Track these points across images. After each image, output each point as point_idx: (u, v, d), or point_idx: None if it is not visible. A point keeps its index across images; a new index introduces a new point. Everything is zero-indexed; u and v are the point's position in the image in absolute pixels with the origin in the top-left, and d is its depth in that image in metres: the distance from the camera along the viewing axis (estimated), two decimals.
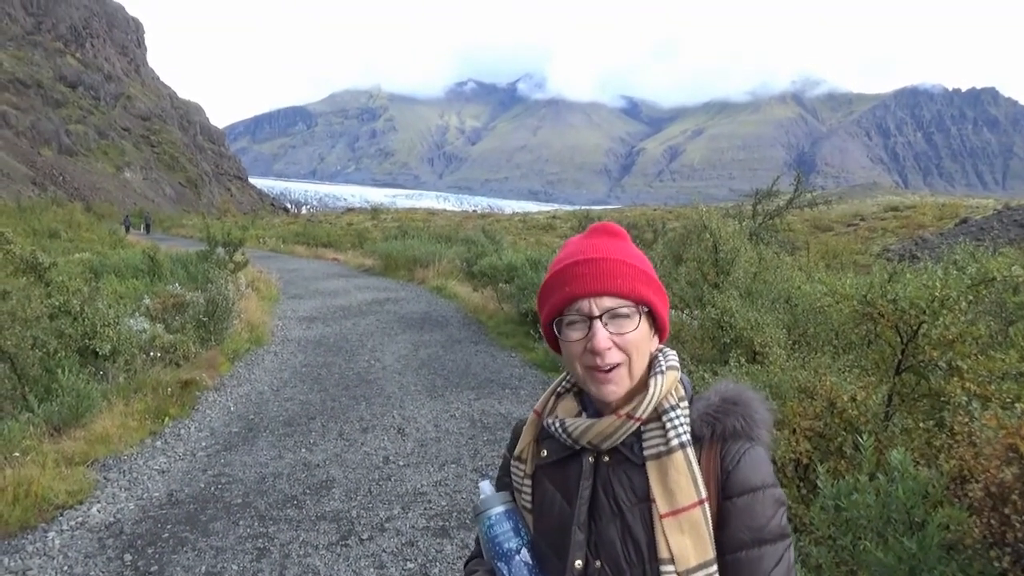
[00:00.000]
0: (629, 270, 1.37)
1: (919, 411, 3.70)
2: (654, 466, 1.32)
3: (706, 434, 1.34)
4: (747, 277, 6.72)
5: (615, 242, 1.42)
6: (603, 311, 1.34)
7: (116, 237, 28.81)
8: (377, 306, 14.60)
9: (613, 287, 1.35)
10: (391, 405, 7.61)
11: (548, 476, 1.45)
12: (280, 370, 9.21)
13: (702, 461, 1.33)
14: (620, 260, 1.38)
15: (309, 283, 18.60)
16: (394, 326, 12.36)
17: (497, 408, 7.51)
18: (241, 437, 6.63)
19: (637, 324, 1.36)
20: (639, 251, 1.44)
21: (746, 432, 1.34)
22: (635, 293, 1.36)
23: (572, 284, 1.37)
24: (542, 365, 9.33)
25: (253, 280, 15.81)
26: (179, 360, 8.38)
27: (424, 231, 28.07)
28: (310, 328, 12.21)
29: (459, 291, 15.95)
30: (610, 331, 1.34)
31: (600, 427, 1.36)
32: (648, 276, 1.40)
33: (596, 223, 1.48)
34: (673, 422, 1.34)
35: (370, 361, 9.70)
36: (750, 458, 1.32)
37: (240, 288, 13.35)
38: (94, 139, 73.56)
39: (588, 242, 1.42)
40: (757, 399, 1.38)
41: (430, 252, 19.95)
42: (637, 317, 1.36)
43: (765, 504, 1.30)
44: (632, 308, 1.36)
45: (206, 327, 9.43)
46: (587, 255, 1.38)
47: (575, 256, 1.40)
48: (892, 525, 2.43)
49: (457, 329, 12.16)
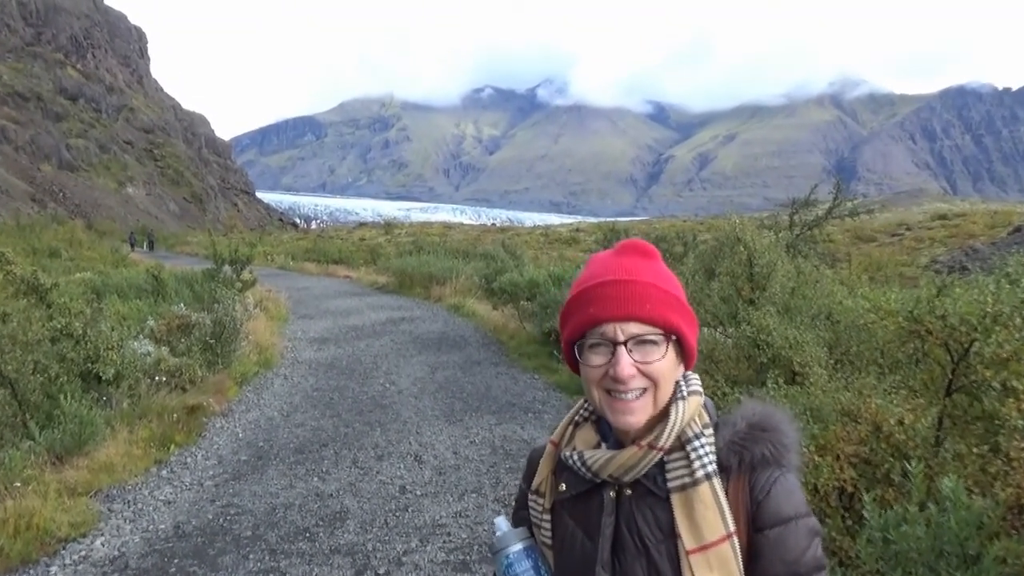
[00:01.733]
0: (659, 294, 1.36)
1: (972, 435, 3.66)
2: (679, 499, 1.32)
3: (733, 463, 1.34)
4: (784, 292, 6.69)
5: (646, 263, 1.41)
6: (628, 337, 1.34)
7: (118, 256, 29.23)
8: (391, 326, 14.67)
9: (641, 312, 1.34)
10: (407, 431, 7.64)
11: (568, 511, 1.45)
12: (290, 394, 9.27)
13: (730, 492, 1.32)
14: (650, 283, 1.37)
15: (320, 302, 18.73)
16: (409, 347, 12.41)
17: (519, 434, 7.51)
18: (250, 465, 6.68)
19: (664, 352, 1.35)
20: (671, 273, 1.44)
21: (776, 459, 1.34)
22: (664, 320, 1.35)
23: (597, 306, 1.36)
24: (566, 388, 9.32)
25: (261, 300, 15.96)
26: (185, 384, 8.47)
27: (440, 246, 28.19)
28: (321, 350, 12.29)
29: (478, 309, 15.98)
30: (635, 358, 1.34)
31: (621, 459, 1.35)
32: (679, 302, 1.39)
33: (626, 240, 1.48)
34: (697, 451, 1.34)
35: (385, 384, 9.74)
36: (781, 487, 1.32)
37: (248, 308, 13.48)
38: (95, 153, 74.78)
39: (617, 261, 1.41)
40: (785, 421, 1.38)
41: (447, 268, 20.02)
42: (664, 345, 1.35)
43: (799, 535, 1.30)
44: (660, 336, 1.35)
45: (213, 350, 9.53)
46: (615, 275, 1.38)
47: (602, 276, 1.39)
48: (944, 559, 2.41)
49: (476, 350, 12.19)
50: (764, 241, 7.19)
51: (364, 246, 42.22)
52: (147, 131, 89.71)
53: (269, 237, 58.43)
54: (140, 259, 30.95)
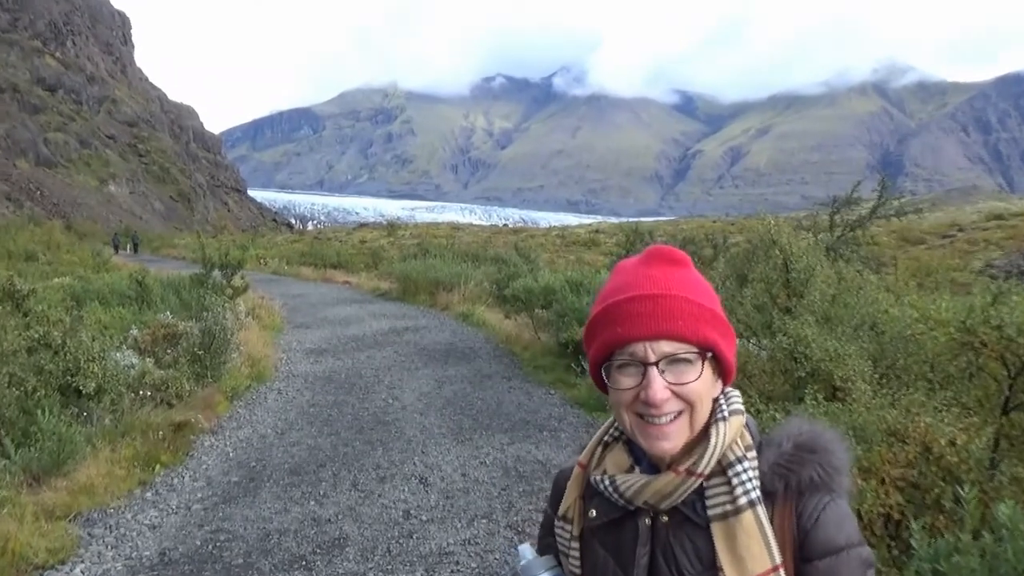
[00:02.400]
0: (693, 309, 1.35)
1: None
2: (720, 528, 1.31)
3: (779, 488, 1.33)
4: (824, 300, 6.67)
5: (676, 272, 1.40)
6: (660, 357, 1.32)
7: (100, 259, 29.45)
8: (394, 336, 14.72)
9: (674, 330, 1.33)
10: (412, 450, 7.66)
11: (599, 538, 1.44)
12: (285, 410, 9.31)
13: (775, 520, 1.32)
14: (682, 297, 1.35)
15: (317, 310, 18.81)
16: (414, 359, 12.44)
17: (534, 454, 7.51)
18: (241, 487, 6.71)
19: (700, 372, 1.34)
20: (704, 281, 1.43)
21: (825, 483, 1.32)
22: (699, 336, 1.34)
23: (625, 324, 1.35)
24: (585, 404, 9.31)
25: (254, 307, 16.03)
26: (171, 399, 8.52)
27: (448, 249, 28.24)
28: (318, 362, 12.34)
29: (489, 318, 15.99)
30: (668, 379, 1.32)
31: (657, 486, 1.35)
32: (714, 315, 1.38)
33: (653, 247, 1.46)
34: (740, 476, 1.33)
35: (387, 400, 9.77)
36: (831, 513, 1.31)
37: (239, 317, 13.55)
38: (75, 149, 75.44)
39: (645, 272, 1.40)
40: (835, 441, 1.37)
41: (455, 273, 20.07)
42: (700, 363, 1.34)
43: (851, 566, 1.29)
44: (694, 353, 1.34)
45: (201, 361, 9.58)
46: (643, 289, 1.36)
47: (629, 290, 1.38)
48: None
49: (487, 362, 12.20)
50: (802, 244, 7.17)
51: (365, 249, 42.37)
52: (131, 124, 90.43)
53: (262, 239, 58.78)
54: (123, 263, 31.20)
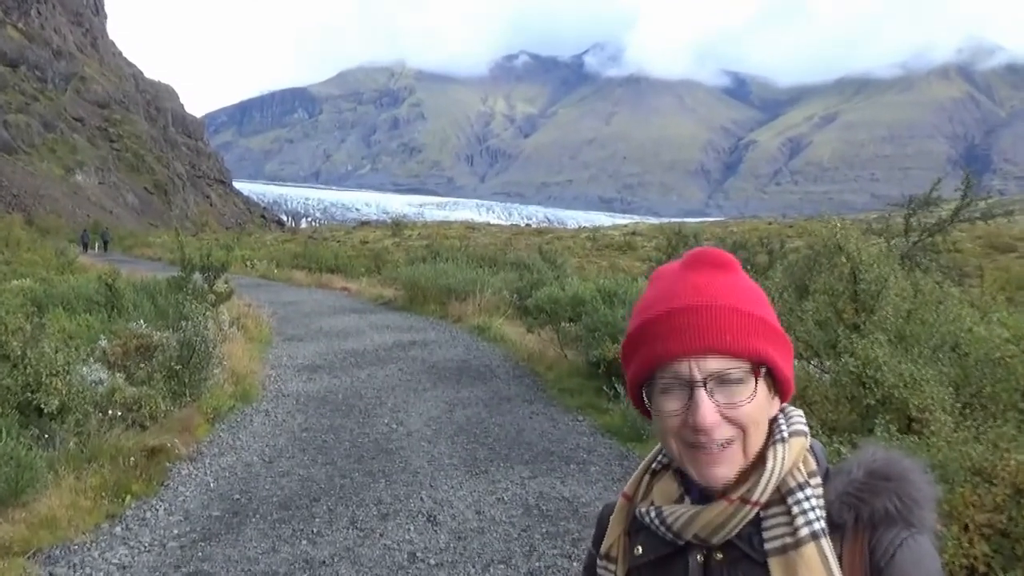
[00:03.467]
0: (742, 320, 1.35)
1: None
2: (779, 564, 1.32)
3: (848, 520, 1.33)
4: (898, 316, 6.64)
5: (722, 278, 1.40)
6: (708, 376, 1.33)
7: (64, 259, 29.73)
8: (400, 351, 14.76)
9: (721, 344, 1.33)
10: (418, 484, 7.67)
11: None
12: (274, 435, 9.36)
13: (843, 556, 1.32)
14: (730, 307, 1.36)
15: (311, 320, 18.89)
16: (422, 378, 12.46)
17: (559, 490, 7.51)
18: (224, 523, 6.75)
19: (753, 390, 1.34)
20: (754, 286, 1.43)
21: (902, 516, 1.32)
22: (751, 350, 1.34)
23: (667, 340, 1.36)
24: (619, 432, 9.29)
25: (239, 316, 16.13)
26: (145, 421, 8.58)
27: (461, 252, 28.30)
28: (312, 380, 12.40)
29: (508, 332, 16.00)
30: (718, 400, 1.33)
31: (707, 517, 1.35)
32: (766, 324, 1.38)
33: (696, 250, 1.46)
34: (801, 505, 1.33)
35: (391, 425, 9.80)
36: (909, 551, 1.30)
37: (223, 327, 13.64)
38: (38, 132, 76.27)
39: (687, 280, 1.40)
40: (915, 470, 1.37)
41: (469, 280, 20.09)
42: (753, 381, 1.34)
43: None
44: (746, 371, 1.34)
45: (179, 378, 9.64)
46: (685, 300, 1.37)
47: (670, 300, 1.38)
48: None
49: (505, 383, 12.20)
50: (872, 250, 7.15)
51: (366, 251, 42.53)
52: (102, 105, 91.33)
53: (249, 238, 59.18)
54: (91, 263, 31.45)
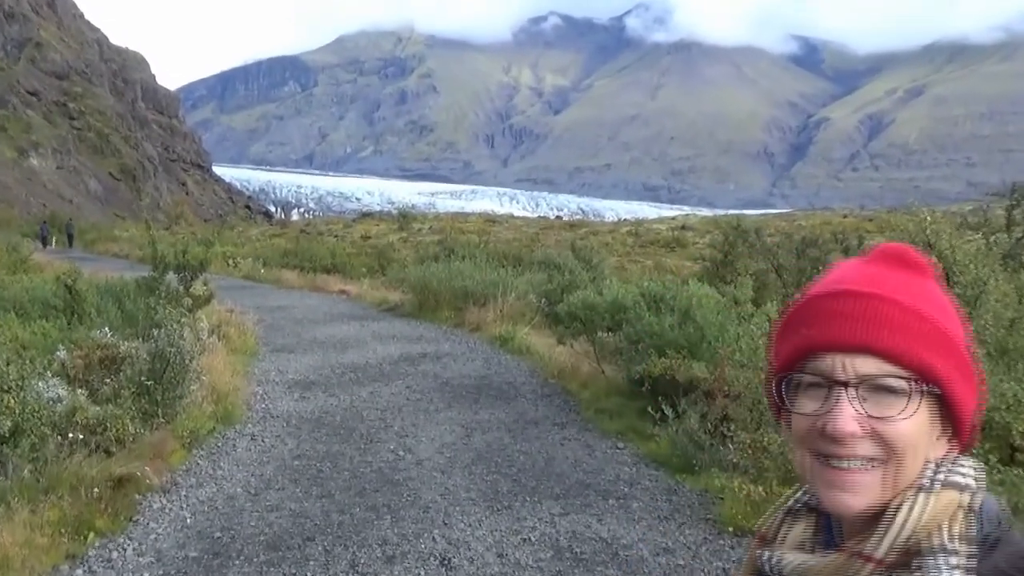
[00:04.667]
0: (916, 322, 1.31)
1: None
2: None
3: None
4: (999, 326, 6.59)
5: (907, 276, 1.37)
6: (857, 377, 1.30)
7: (16, 256, 29.94)
8: (408, 365, 14.78)
9: (879, 341, 1.30)
10: (430, 521, 7.68)
11: None
12: (260, 463, 9.39)
13: None
14: (906, 305, 1.32)
15: (304, 329, 18.95)
16: (434, 397, 12.48)
17: (596, 529, 7.49)
18: (202, 566, 6.78)
19: (913, 408, 1.29)
20: (946, 299, 1.39)
21: None
22: (918, 359, 1.30)
23: (818, 325, 1.34)
24: (666, 462, 9.26)
25: (220, 324, 16.19)
26: (110, 445, 8.61)
27: (480, 249, 28.29)
28: (305, 399, 12.43)
29: (535, 343, 16.00)
30: (864, 409, 1.29)
31: (816, 569, 1.33)
32: (948, 339, 1.33)
33: (884, 244, 1.44)
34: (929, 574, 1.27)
35: (397, 452, 9.81)
36: None
37: (201, 336, 13.68)
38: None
39: (865, 269, 1.38)
40: None
41: (489, 282, 20.09)
42: (914, 399, 1.30)
43: None
44: (908, 382, 1.30)
45: (150, 395, 9.68)
46: (853, 285, 1.35)
47: (836, 284, 1.37)
48: None
49: (532, 403, 12.20)
50: (968, 248, 7.10)
51: (368, 248, 42.67)
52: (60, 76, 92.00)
53: (231, 232, 59.38)
54: (47, 261, 31.61)
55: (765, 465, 7.15)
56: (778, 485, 6.72)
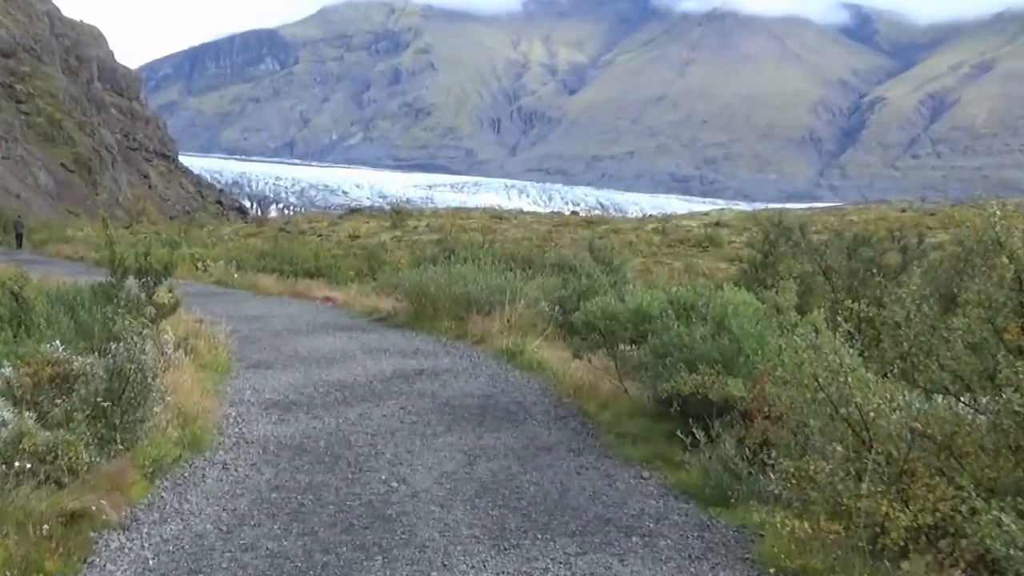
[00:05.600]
0: None
1: None
2: None
3: None
4: None
5: None
6: None
7: None
8: (402, 383, 14.79)
9: None
10: (427, 562, 7.67)
11: None
12: (233, 495, 9.39)
13: None
14: None
15: (283, 341, 18.98)
16: (432, 419, 12.48)
17: (617, 571, 7.48)
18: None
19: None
20: None
21: None
22: None
23: None
24: (698, 493, 9.25)
25: (187, 336, 16.20)
26: (62, 475, 8.61)
27: (485, 249, 28.30)
28: (285, 421, 12.44)
29: (547, 358, 16.00)
30: None
31: None
32: None
33: None
34: None
35: (390, 482, 9.81)
36: None
37: (166, 350, 13.70)
38: None
39: None
40: None
41: (495, 287, 20.09)
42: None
43: None
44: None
45: (108, 418, 9.67)
46: None
47: None
48: None
49: (544, 426, 12.20)
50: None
51: (357, 248, 42.71)
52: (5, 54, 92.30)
53: (200, 231, 59.54)
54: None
55: (811, 497, 7.12)
56: (826, 520, 6.70)
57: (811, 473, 7.24)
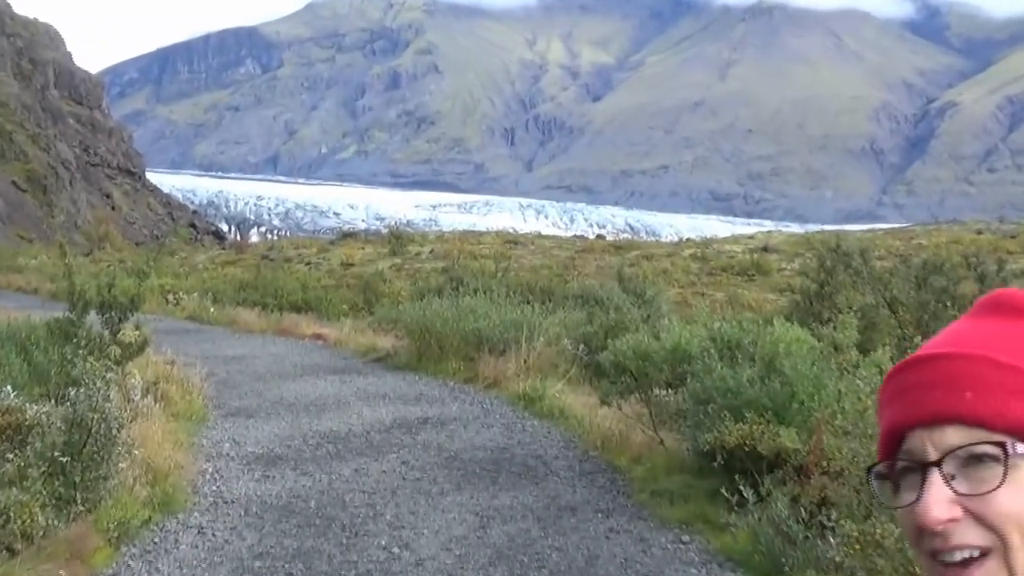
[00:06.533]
0: (1012, 378, 1.38)
1: None
2: None
3: None
4: None
5: (1008, 326, 1.44)
6: (944, 451, 1.36)
7: None
8: (404, 434, 14.80)
9: (965, 405, 1.37)
10: None
11: None
12: (211, 565, 9.39)
13: None
14: (999, 360, 1.39)
15: (267, 386, 19.00)
16: (438, 476, 12.47)
17: None
18: None
19: (1013, 476, 1.33)
20: None
21: None
22: (1014, 419, 1.36)
23: (895, 403, 1.45)
24: (746, 561, 9.23)
25: (158, 381, 16.23)
26: (14, 542, 8.62)
27: (498, 279, 28.32)
28: (270, 478, 12.44)
29: (571, 404, 16.01)
30: (958, 488, 1.35)
31: None
32: None
33: (995, 292, 1.53)
34: None
35: (391, 549, 9.81)
36: None
37: (132, 397, 13.71)
38: None
39: (956, 327, 1.49)
40: None
41: (510, 323, 20.09)
42: (1015, 464, 1.34)
43: None
44: (1000, 448, 1.34)
45: (66, 475, 9.68)
46: (935, 348, 1.45)
47: (920, 351, 1.47)
48: None
49: (568, 483, 12.19)
50: None
51: (351, 278, 42.73)
52: None
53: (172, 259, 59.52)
54: None
55: (878, 565, 7.10)
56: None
57: (878, 537, 7.21)
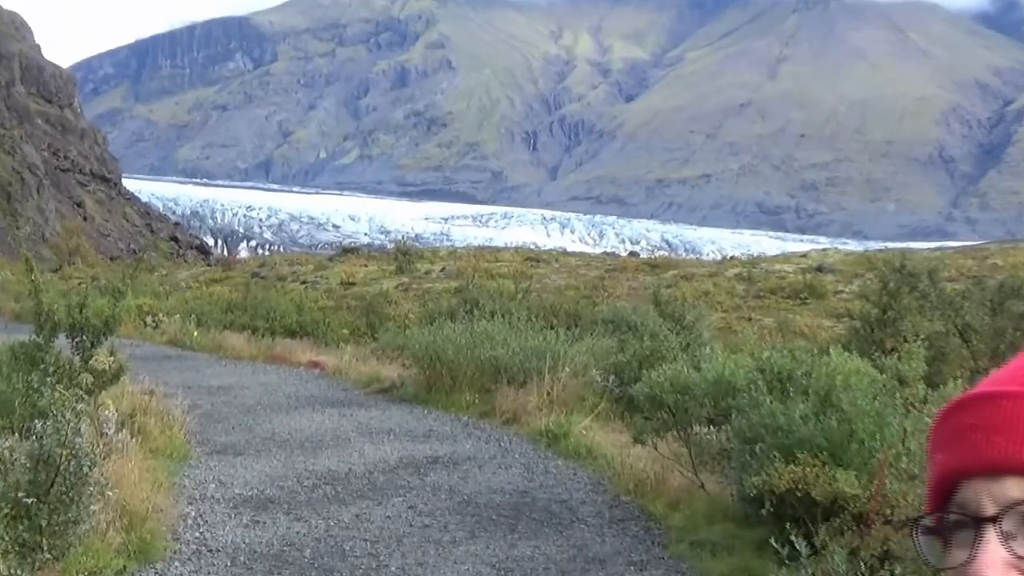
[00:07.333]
0: None
1: None
2: None
3: None
4: None
5: None
6: (1004, 505, 1.35)
7: None
8: (411, 475, 14.80)
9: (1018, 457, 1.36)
10: None
11: None
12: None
13: None
14: None
15: (257, 419, 19.02)
16: (450, 523, 12.47)
17: None
18: None
19: None
20: None
21: None
22: None
23: (949, 447, 1.44)
24: None
25: (134, 413, 16.26)
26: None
27: (518, 301, 28.35)
28: (260, 524, 12.44)
29: (599, 442, 16.01)
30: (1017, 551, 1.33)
31: None
32: None
33: None
34: None
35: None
36: None
37: (106, 431, 13.74)
38: None
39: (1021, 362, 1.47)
40: None
41: (531, 351, 20.11)
42: None
43: None
44: None
45: (31, 519, 9.71)
46: (997, 386, 1.43)
47: (979, 387, 1.46)
48: None
49: (596, 532, 12.18)
50: None
51: (352, 299, 42.79)
52: None
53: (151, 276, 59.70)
54: None
55: None
56: None
57: None
